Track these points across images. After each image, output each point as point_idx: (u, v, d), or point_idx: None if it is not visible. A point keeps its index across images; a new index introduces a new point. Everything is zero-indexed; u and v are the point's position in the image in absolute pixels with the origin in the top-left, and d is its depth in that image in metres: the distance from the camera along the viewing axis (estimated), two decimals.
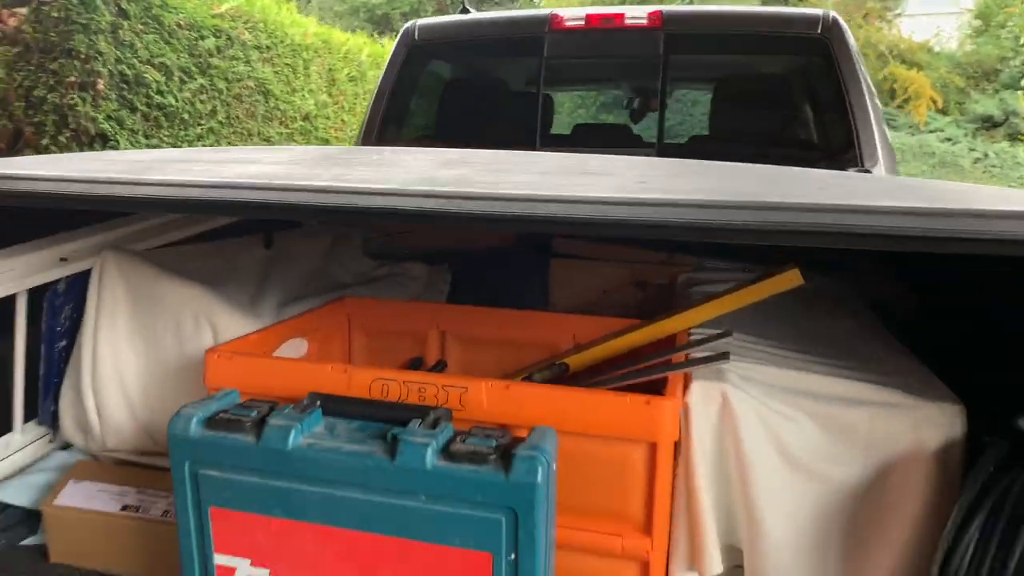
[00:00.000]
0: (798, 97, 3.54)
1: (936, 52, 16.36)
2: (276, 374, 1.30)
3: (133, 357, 1.64)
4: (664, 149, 3.46)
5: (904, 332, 1.65)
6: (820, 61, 3.24)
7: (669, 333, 1.55)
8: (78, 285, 1.68)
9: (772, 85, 3.59)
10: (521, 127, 3.64)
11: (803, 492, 1.29)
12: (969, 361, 1.41)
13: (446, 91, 3.85)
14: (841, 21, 3.21)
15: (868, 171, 3.06)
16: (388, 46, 4.97)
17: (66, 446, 1.75)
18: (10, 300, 1.61)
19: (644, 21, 3.28)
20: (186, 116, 5.00)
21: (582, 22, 3.45)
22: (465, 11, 3.92)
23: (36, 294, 1.65)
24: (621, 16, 3.40)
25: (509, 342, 1.72)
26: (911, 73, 14.27)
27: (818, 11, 3.35)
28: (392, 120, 3.78)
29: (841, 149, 3.30)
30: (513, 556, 1.04)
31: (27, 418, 1.75)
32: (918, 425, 1.24)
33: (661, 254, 2.42)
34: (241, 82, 5.54)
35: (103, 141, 4.29)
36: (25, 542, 1.54)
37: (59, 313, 1.69)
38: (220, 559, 1.18)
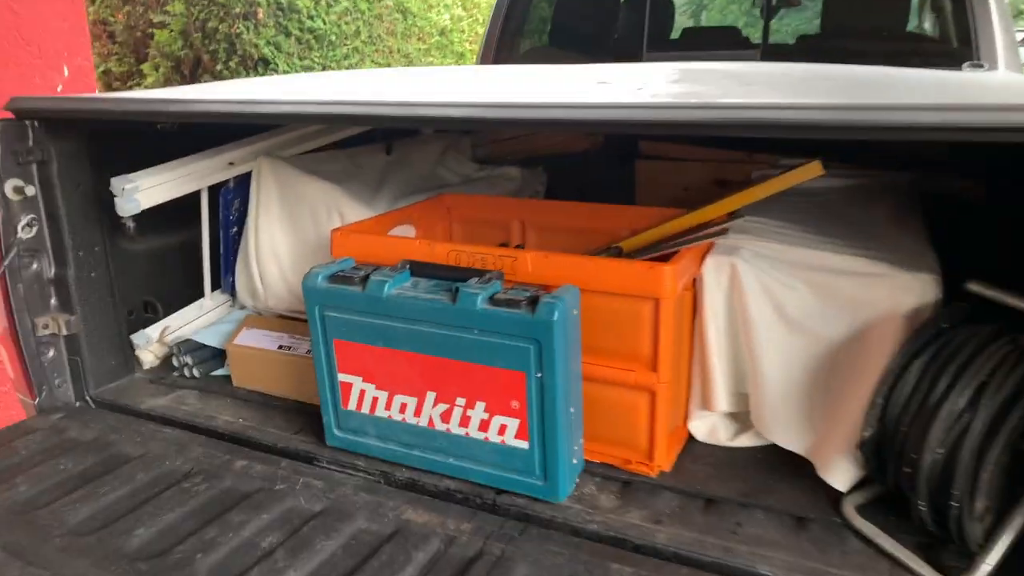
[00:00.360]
0: (923, 16, 3.42)
1: None
2: (380, 247, 1.71)
3: (283, 238, 2.12)
4: (769, 51, 3.49)
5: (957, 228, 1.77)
6: None
7: (707, 219, 1.80)
8: (243, 184, 2.18)
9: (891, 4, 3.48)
10: (628, 34, 3.78)
11: (796, 347, 1.55)
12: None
13: (557, 7, 4.04)
14: None
15: (981, 67, 2.99)
16: None
17: (242, 307, 2.30)
18: (196, 195, 2.13)
19: None
20: (333, 38, 5.51)
21: None
22: None
23: (213, 191, 2.16)
24: None
25: (577, 230, 2.03)
26: None
27: None
28: (509, 32, 4.05)
29: (958, 46, 3.20)
30: (539, 374, 1.41)
31: (213, 288, 2.32)
32: (895, 291, 1.45)
33: (740, 153, 2.59)
34: (381, 2, 5.96)
35: (264, 65, 4.90)
36: (216, 372, 2.11)
37: (230, 205, 2.20)
38: (342, 377, 1.64)
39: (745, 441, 1.67)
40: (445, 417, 1.55)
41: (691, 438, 1.70)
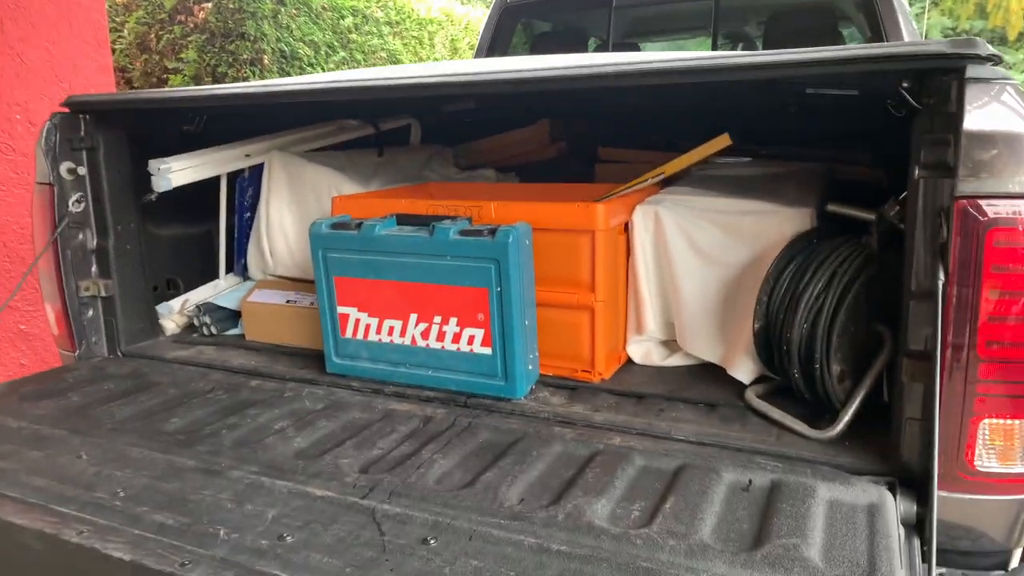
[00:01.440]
0: (842, 27, 3.90)
1: None
2: (372, 206, 2.09)
3: (290, 217, 2.50)
4: None
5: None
6: None
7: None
8: (256, 174, 2.57)
9: (817, 19, 3.96)
10: None
11: (708, 274, 1.92)
12: None
13: (534, 48, 4.53)
14: None
15: None
16: None
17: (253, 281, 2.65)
18: (213, 192, 2.50)
19: None
20: None
21: None
22: None
23: (230, 182, 2.55)
24: None
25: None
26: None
27: None
28: None
29: None
30: (499, 288, 1.77)
31: (227, 271, 2.68)
32: (782, 223, 1.83)
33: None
34: (376, 54, 6.51)
35: None
36: (231, 332, 2.45)
37: (245, 193, 2.59)
38: (341, 309, 1.99)
39: (674, 361, 2.02)
40: (425, 334, 1.90)
41: (629, 361, 2.05)
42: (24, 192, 3.44)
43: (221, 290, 2.67)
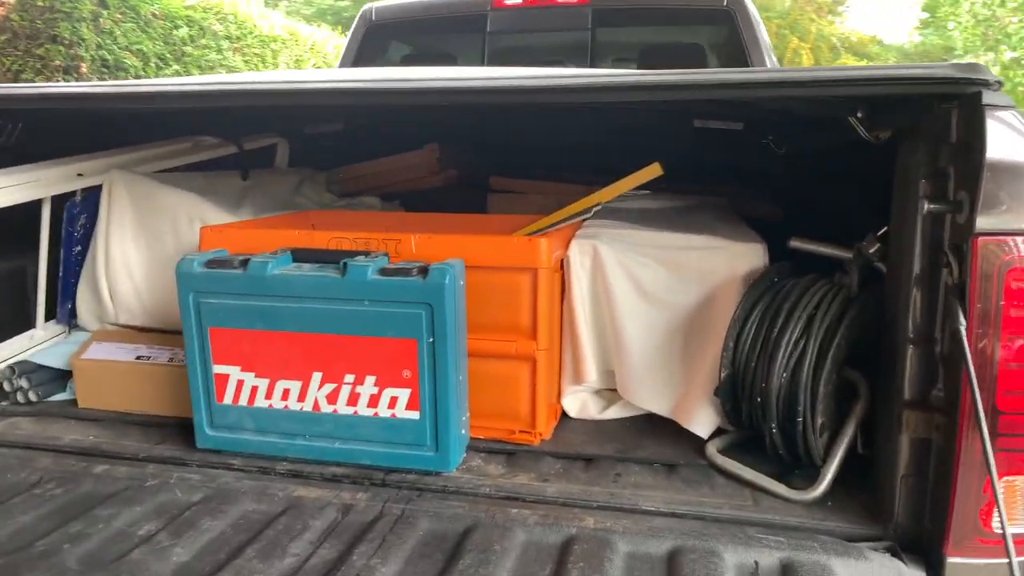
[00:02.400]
0: (711, 63, 4.00)
1: (885, 44, 17.12)
2: (255, 238, 1.70)
3: (136, 252, 2.03)
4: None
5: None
6: (727, 32, 3.70)
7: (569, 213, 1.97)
8: (91, 198, 2.07)
9: (689, 54, 4.04)
10: None
11: (654, 316, 1.73)
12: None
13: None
14: None
15: None
16: None
17: (82, 331, 2.13)
18: (22, 218, 1.97)
19: None
20: None
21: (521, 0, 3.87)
22: None
23: (56, 206, 2.03)
24: None
25: None
26: (861, 64, 15.00)
27: None
28: None
29: None
30: (431, 339, 1.46)
31: (47, 317, 2.14)
32: (732, 259, 1.68)
33: (580, 186, 2.85)
34: (213, 70, 5.90)
35: None
36: (55, 397, 1.93)
37: (76, 221, 2.08)
38: (218, 368, 1.59)
39: (613, 413, 1.80)
40: (332, 398, 1.54)
41: (563, 414, 1.81)
42: None
43: (38, 342, 2.12)
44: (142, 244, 2.03)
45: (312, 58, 7.59)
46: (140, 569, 1.17)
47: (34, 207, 1.96)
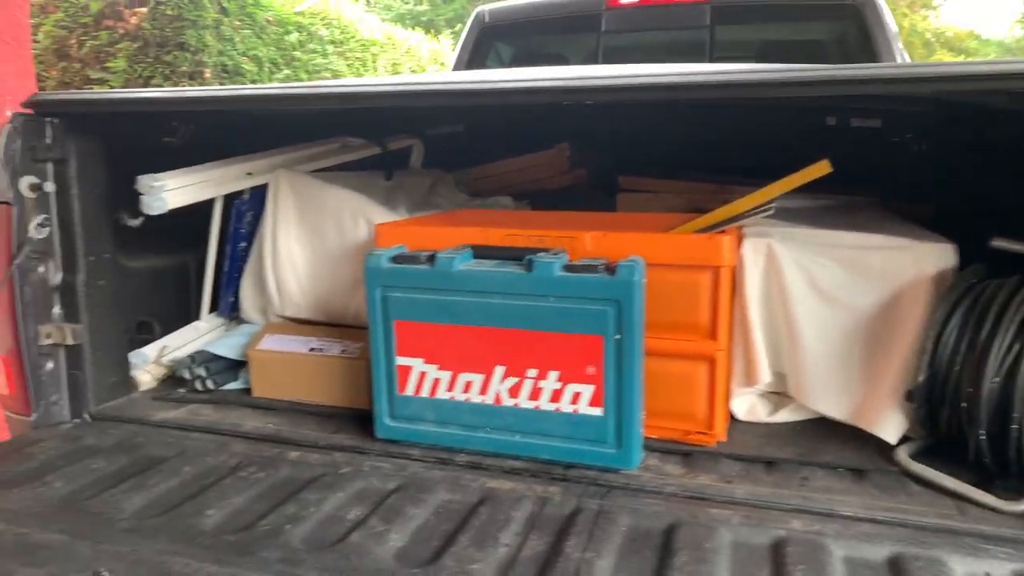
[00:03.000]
0: (835, 62, 3.88)
1: (984, 39, 16.28)
2: (432, 236, 1.74)
3: (300, 248, 2.10)
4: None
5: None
6: (854, 27, 3.58)
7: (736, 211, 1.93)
8: (257, 196, 2.16)
9: (810, 51, 3.93)
10: None
11: (832, 317, 1.68)
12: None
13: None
14: None
15: None
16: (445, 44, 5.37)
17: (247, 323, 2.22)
18: (193, 217, 2.07)
19: None
20: None
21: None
22: None
23: (227, 202, 2.13)
24: None
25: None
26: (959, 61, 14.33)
27: None
28: None
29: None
30: (618, 336, 1.47)
31: (210, 309, 2.24)
32: (919, 260, 1.62)
33: (713, 184, 2.81)
34: (319, 73, 6.09)
35: None
36: (229, 386, 2.02)
37: (243, 217, 2.17)
38: (401, 360, 1.63)
39: (783, 417, 1.76)
40: (514, 392, 1.56)
41: (731, 417, 1.78)
42: None
43: (203, 333, 2.23)
44: (306, 241, 2.10)
45: (408, 61, 7.75)
46: (363, 552, 1.21)
47: (192, 205, 2.04)
